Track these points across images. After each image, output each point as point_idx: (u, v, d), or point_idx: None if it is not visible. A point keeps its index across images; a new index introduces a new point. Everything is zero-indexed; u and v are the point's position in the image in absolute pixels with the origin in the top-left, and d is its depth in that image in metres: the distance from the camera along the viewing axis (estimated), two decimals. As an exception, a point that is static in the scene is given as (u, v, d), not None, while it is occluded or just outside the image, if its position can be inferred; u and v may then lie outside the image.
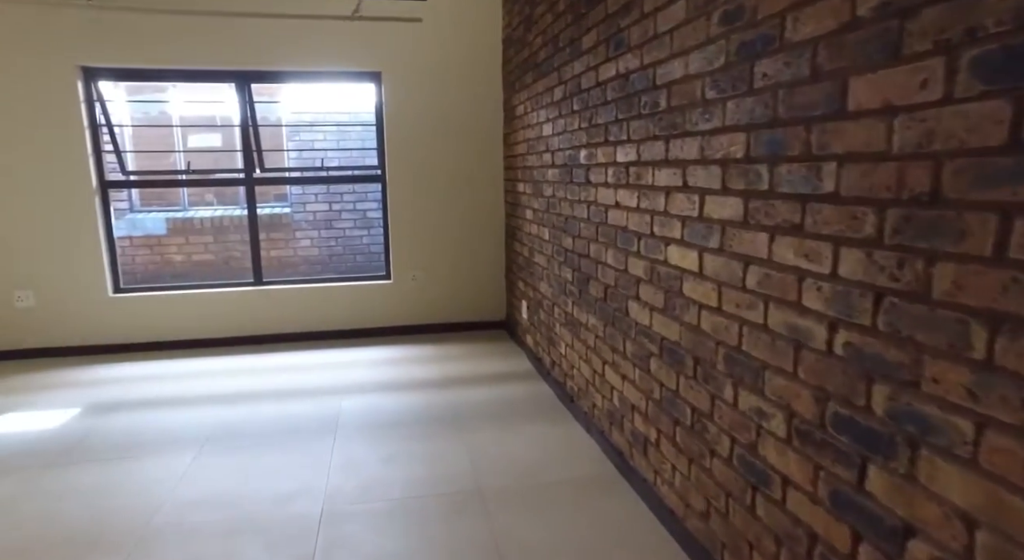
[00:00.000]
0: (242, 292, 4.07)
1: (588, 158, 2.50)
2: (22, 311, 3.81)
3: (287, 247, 5.54)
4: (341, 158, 5.53)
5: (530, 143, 3.44)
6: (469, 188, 4.20)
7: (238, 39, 3.73)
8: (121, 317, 3.92)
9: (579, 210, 2.65)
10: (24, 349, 3.84)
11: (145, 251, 5.26)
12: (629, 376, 2.22)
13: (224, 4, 3.65)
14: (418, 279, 4.26)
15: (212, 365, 3.69)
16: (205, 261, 5.39)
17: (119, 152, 3.94)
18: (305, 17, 3.74)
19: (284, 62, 3.83)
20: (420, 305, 4.30)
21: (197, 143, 5.39)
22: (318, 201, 5.53)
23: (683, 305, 1.77)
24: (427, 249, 4.24)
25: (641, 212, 2.02)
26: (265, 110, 5.37)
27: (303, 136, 5.48)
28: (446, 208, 4.20)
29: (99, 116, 3.78)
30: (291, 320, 4.13)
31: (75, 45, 3.58)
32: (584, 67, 2.49)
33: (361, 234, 5.66)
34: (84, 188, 3.73)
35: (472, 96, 4.08)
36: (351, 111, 5.44)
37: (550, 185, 3.08)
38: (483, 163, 4.19)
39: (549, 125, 3.04)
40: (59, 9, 3.51)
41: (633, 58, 2.01)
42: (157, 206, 5.34)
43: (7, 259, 3.73)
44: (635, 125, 2.03)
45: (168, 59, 3.69)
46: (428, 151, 4.10)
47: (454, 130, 4.11)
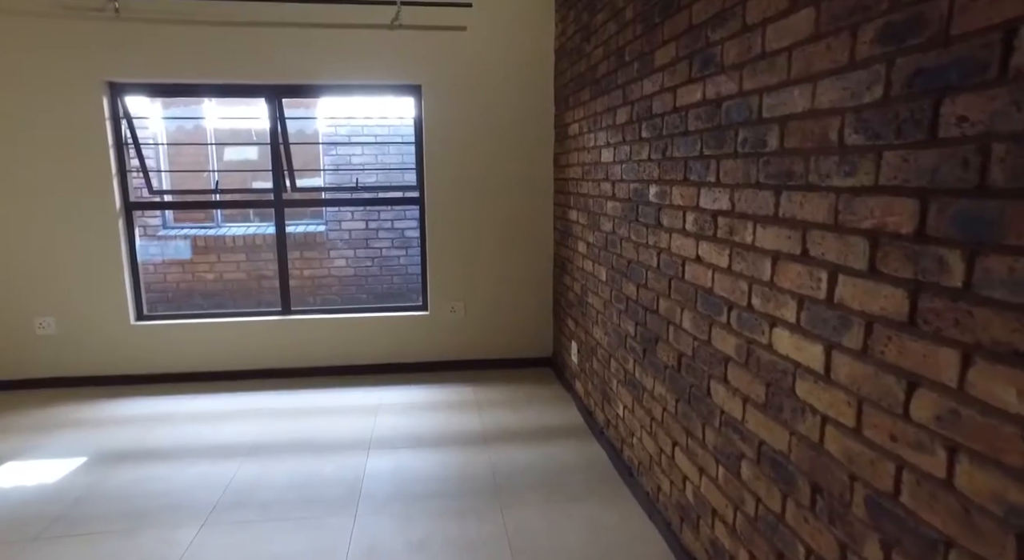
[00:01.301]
0: (269, 322, 3.79)
1: (660, 196, 2.08)
2: (43, 339, 3.62)
3: (321, 267, 5.28)
4: (379, 175, 5.24)
5: (585, 168, 3.04)
6: (514, 213, 3.83)
7: (268, 51, 3.46)
8: (142, 346, 3.69)
9: (646, 255, 2.23)
10: (44, 378, 3.65)
11: (177, 269, 5.08)
12: (709, 471, 1.79)
13: (255, 14, 3.38)
14: (457, 311, 3.90)
15: (233, 403, 3.41)
16: (237, 280, 5.19)
17: (146, 171, 3.72)
18: (341, 27, 3.43)
19: (317, 75, 3.54)
20: (459, 339, 3.94)
21: (234, 159, 5.20)
22: (354, 219, 5.25)
23: (796, 409, 1.33)
24: (468, 278, 3.88)
25: (734, 276, 1.59)
26: (302, 125, 5.14)
27: (340, 151, 5.21)
28: (489, 234, 3.84)
29: (125, 133, 3.56)
30: (320, 353, 3.83)
31: (102, 59, 3.36)
32: (657, 87, 2.07)
33: (399, 254, 5.35)
34: (108, 209, 3.51)
35: (520, 112, 3.71)
36: (391, 125, 5.16)
37: (609, 219, 2.67)
38: (530, 186, 3.81)
39: (610, 151, 2.63)
40: (86, 22, 3.30)
41: (728, 81, 1.59)
42: (190, 223, 5.16)
43: (30, 284, 3.55)
44: (728, 166, 1.60)
45: (196, 73, 3.44)
46: (470, 171, 3.74)
47: (499, 149, 3.74)
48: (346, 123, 5.13)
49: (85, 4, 3.26)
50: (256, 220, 5.31)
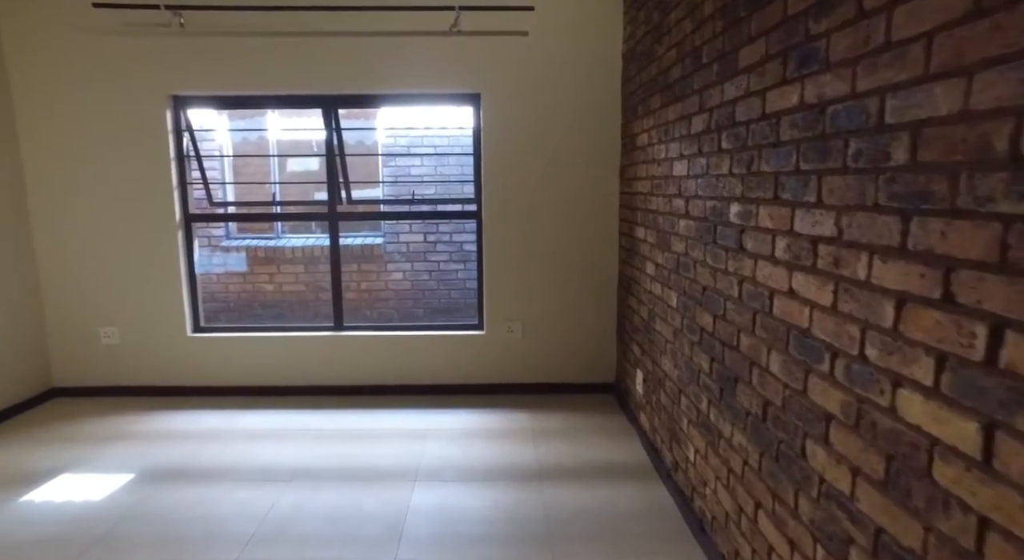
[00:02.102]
0: (321, 338, 3.70)
1: (743, 217, 1.80)
2: (108, 348, 3.67)
3: (378, 279, 5.21)
4: (438, 188, 5.12)
5: (655, 182, 2.77)
6: (577, 228, 3.59)
7: (324, 61, 3.39)
8: (199, 358, 3.68)
9: (725, 283, 1.95)
10: (109, 387, 3.70)
11: (238, 279, 5.13)
12: (804, 548, 1.48)
13: (312, 23, 3.31)
14: (515, 331, 3.69)
15: (282, 422, 3.33)
16: (295, 291, 5.19)
17: (207, 183, 3.72)
18: (397, 34, 3.31)
19: (373, 84, 3.43)
20: (516, 361, 3.72)
21: (297, 170, 5.22)
22: (412, 232, 5.15)
23: (934, 499, 1.03)
24: (526, 297, 3.66)
25: (840, 317, 1.30)
26: (361, 136, 5.10)
27: (399, 162, 5.13)
28: (549, 250, 3.61)
29: (187, 146, 3.58)
30: (371, 371, 3.71)
31: (167, 74, 3.39)
32: (741, 91, 1.80)
33: (457, 268, 5.21)
34: (168, 221, 3.53)
35: (584, 121, 3.48)
36: (451, 135, 5.03)
37: (681, 239, 2.39)
38: (594, 200, 3.56)
39: (683, 163, 2.36)
40: (153, 38, 3.33)
41: (835, 81, 1.31)
42: (251, 234, 5.21)
43: (96, 294, 3.61)
44: (834, 183, 1.32)
45: (253, 85, 3.42)
46: (530, 184, 3.54)
47: (561, 160, 3.52)
48: (405, 134, 5.06)
49: (152, 20, 3.28)
50: (317, 232, 5.30)
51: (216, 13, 3.26)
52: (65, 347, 3.67)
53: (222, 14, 3.26)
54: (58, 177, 3.49)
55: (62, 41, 3.35)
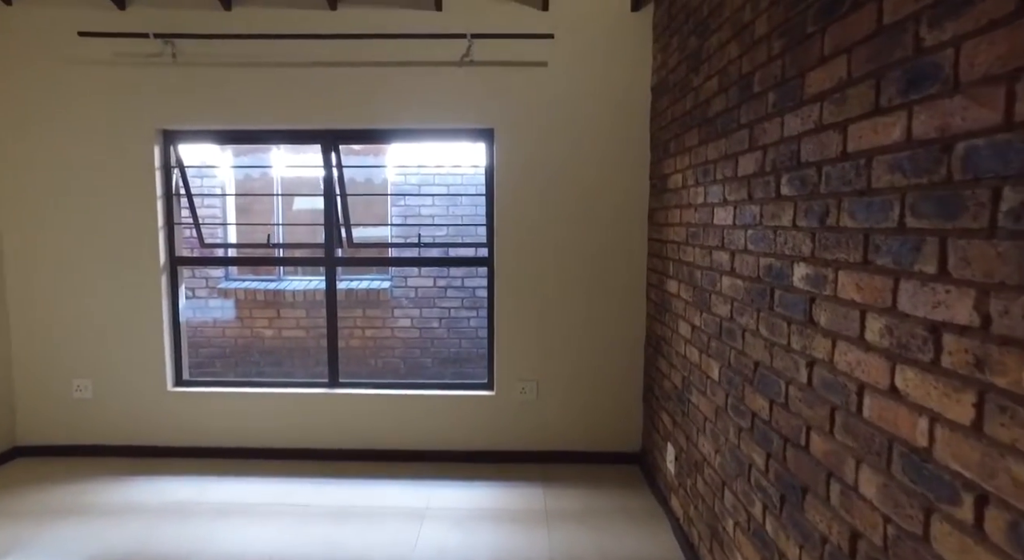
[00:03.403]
0: (313, 395, 3.33)
1: (813, 282, 1.41)
2: (79, 403, 3.34)
3: (384, 326, 4.86)
4: (449, 230, 4.81)
5: (691, 230, 2.39)
6: (599, 278, 3.21)
7: (323, 93, 3.11)
8: (178, 415, 3.33)
9: (786, 362, 1.54)
10: (77, 445, 3.36)
11: (236, 323, 4.82)
12: None
13: (311, 53, 3.06)
14: (528, 392, 3.28)
15: (261, 493, 2.93)
16: (295, 337, 4.85)
17: (197, 224, 3.44)
18: (403, 65, 3.04)
19: (376, 119, 3.15)
20: (530, 426, 3.30)
21: (303, 208, 4.96)
22: (421, 275, 4.81)
23: None
24: (541, 354, 3.27)
25: (988, 444, 0.89)
26: (370, 174, 4.83)
27: (409, 202, 4.84)
28: (567, 301, 3.23)
29: (177, 183, 3.31)
30: (368, 434, 3.31)
31: (156, 107, 3.14)
32: (809, 124, 1.43)
33: (468, 315, 4.84)
34: (152, 264, 3.23)
35: (608, 159, 3.14)
36: (463, 174, 4.74)
37: (725, 300, 1.99)
38: (619, 247, 3.19)
39: (727, 210, 1.98)
40: (143, 69, 3.10)
41: (971, 107, 0.93)
42: (251, 276, 4.93)
43: (69, 343, 3.30)
44: (973, 250, 0.93)
45: (248, 119, 3.15)
46: (547, 228, 3.19)
47: (582, 202, 3.17)
48: (416, 172, 4.78)
49: (143, 50, 3.06)
50: (320, 274, 5.00)
51: (210, 42, 3.02)
52: (33, 401, 3.35)
53: (216, 43, 3.03)
54: (34, 216, 3.22)
55: (46, 71, 3.12)
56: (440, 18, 3.05)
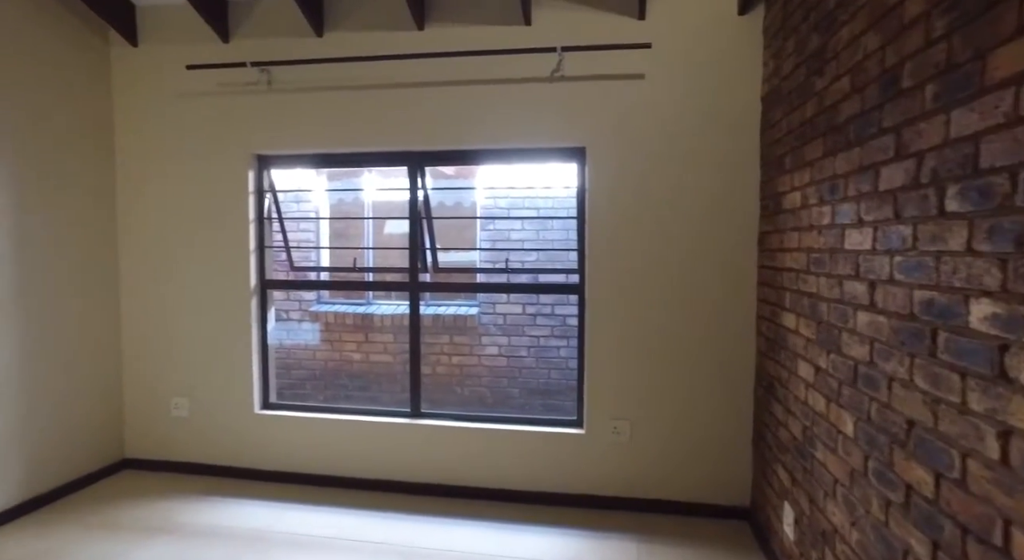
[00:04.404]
0: (394, 425, 3.22)
1: (1004, 324, 1.07)
2: (176, 420, 3.43)
3: (471, 353, 4.73)
4: (539, 255, 4.62)
5: (814, 256, 2.05)
6: (701, 309, 2.89)
7: (409, 115, 3.06)
8: (263, 438, 3.33)
9: (961, 427, 1.19)
10: (174, 462, 3.44)
11: (325, 346, 4.88)
12: None
13: (397, 74, 3.02)
14: (621, 432, 2.99)
15: (340, 526, 2.82)
16: (383, 362, 4.82)
17: (288, 247, 3.48)
18: (489, 82, 2.93)
19: (463, 139, 3.04)
20: (622, 470, 3.00)
21: (395, 232, 4.98)
22: (509, 302, 4.65)
23: None
24: (636, 391, 2.98)
25: None
26: (460, 197, 4.77)
27: (498, 225, 4.72)
28: (666, 334, 2.93)
29: (269, 207, 3.37)
30: (448, 468, 3.15)
31: (252, 133, 3.22)
32: (994, 119, 1.10)
33: (559, 345, 4.60)
34: (243, 288, 3.28)
35: (710, 178, 2.84)
36: (555, 197, 4.56)
37: (862, 340, 1.64)
38: (724, 275, 2.86)
39: (864, 232, 1.64)
40: (241, 97, 3.19)
41: None
42: (342, 300, 4.98)
43: (169, 362, 3.41)
44: None
45: (337, 142, 3.15)
46: (644, 253, 2.92)
47: (682, 225, 2.88)
48: (506, 195, 4.65)
49: (242, 79, 3.15)
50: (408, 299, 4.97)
51: (302, 68, 3.06)
52: (138, 416, 3.48)
53: (308, 69, 3.06)
54: (146, 241, 3.38)
55: (161, 103, 3.30)
56: (529, 33, 2.92)
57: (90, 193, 3.24)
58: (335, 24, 3.09)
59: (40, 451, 3.00)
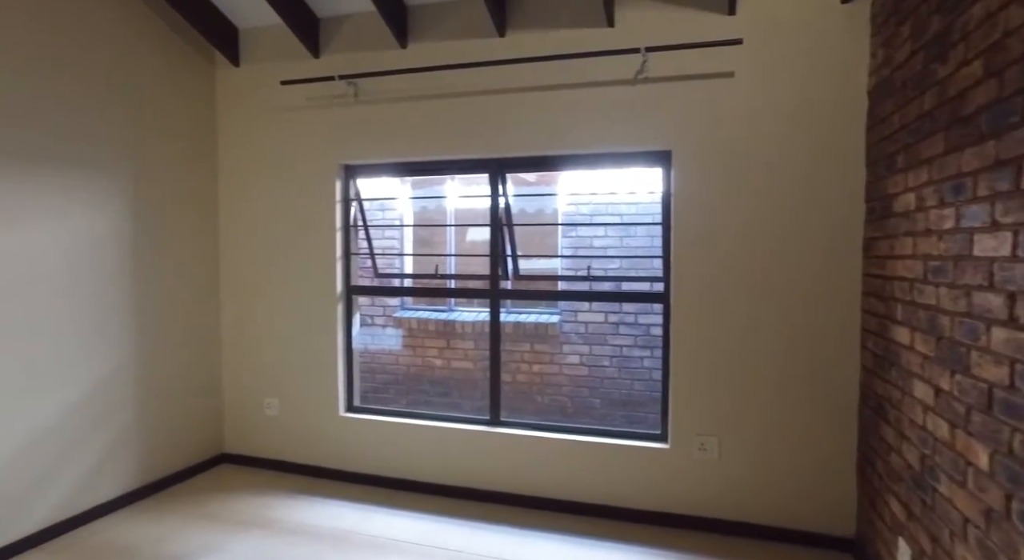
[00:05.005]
0: (473, 432, 3.21)
1: None
2: (268, 419, 3.59)
3: (552, 362, 4.66)
4: (622, 262, 4.49)
5: (932, 264, 1.84)
6: (796, 320, 2.68)
7: (490, 121, 3.06)
8: (348, 440, 3.41)
9: None
10: (266, 459, 3.60)
11: (408, 352, 4.96)
12: None
13: (478, 82, 3.03)
14: (709, 449, 2.83)
15: (420, 531, 2.83)
16: (464, 369, 4.85)
17: (372, 254, 3.57)
18: (572, 86, 2.87)
19: (543, 145, 2.99)
20: (709, 488, 2.84)
21: (477, 239, 5.02)
22: (592, 310, 4.55)
23: None
24: (725, 406, 2.81)
25: None
26: (542, 203, 4.73)
27: (580, 232, 4.63)
28: (757, 346, 2.74)
29: (355, 215, 3.47)
30: (527, 479, 3.10)
31: (339, 143, 3.33)
32: None
33: (642, 355, 4.45)
34: (330, 293, 3.39)
35: (808, 181, 2.64)
36: (639, 203, 4.42)
37: (998, 360, 1.44)
38: (823, 284, 2.64)
39: (999, 237, 1.45)
40: (328, 110, 3.32)
41: None
42: (424, 306, 5.06)
43: (261, 363, 3.58)
44: None
45: (419, 151, 3.19)
46: (733, 261, 2.75)
47: (776, 231, 2.69)
48: (588, 201, 4.57)
49: (330, 92, 3.27)
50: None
51: (386, 79, 3.13)
52: (236, 413, 3.68)
53: (392, 80, 3.13)
54: (243, 249, 3.58)
55: (259, 118, 3.48)
56: (612, 34, 2.84)
57: (196, 205, 3.47)
58: (419, 35, 3.14)
59: (151, 444, 3.23)
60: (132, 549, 2.66)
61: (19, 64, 2.57)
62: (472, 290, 4.07)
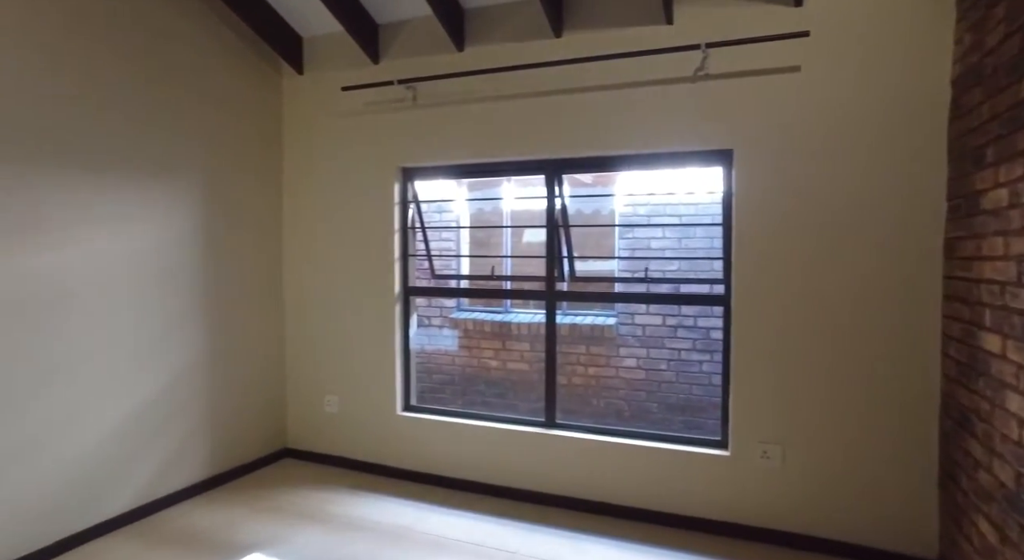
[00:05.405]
0: (528, 434, 3.20)
1: None
2: (328, 416, 3.70)
3: (608, 365, 4.59)
4: (681, 264, 4.39)
5: (1028, 265, 1.70)
6: (868, 324, 2.54)
7: (546, 122, 3.05)
8: (405, 439, 3.47)
9: None
10: (326, 455, 3.71)
11: (464, 353, 5.00)
12: None
13: (536, 83, 3.02)
14: (772, 457, 2.72)
15: (475, 531, 2.84)
16: (519, 370, 4.85)
17: (430, 255, 3.62)
18: (630, 85, 2.83)
19: (601, 145, 2.96)
20: (772, 498, 2.73)
21: (533, 241, 5.01)
22: (649, 312, 4.46)
23: None
24: (789, 413, 2.69)
25: None
26: (598, 204, 4.68)
27: (637, 234, 4.55)
28: (824, 351, 2.61)
29: (412, 217, 3.52)
30: (582, 482, 3.06)
31: (397, 147, 3.40)
32: None
33: (701, 359, 4.33)
34: (388, 294, 3.46)
35: (881, 178, 2.49)
36: (698, 203, 4.31)
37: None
38: (898, 287, 2.49)
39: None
40: (388, 114, 3.38)
41: None
42: (480, 307, 5.09)
43: (322, 361, 3.69)
44: None
45: (476, 152, 3.22)
46: (799, 262, 2.63)
47: (846, 231, 2.55)
48: (645, 202, 4.48)
49: (390, 97, 3.33)
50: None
51: (443, 83, 3.17)
52: (298, 409, 3.80)
53: (449, 83, 3.16)
54: (305, 250, 3.70)
55: (320, 123, 3.59)
56: (671, 32, 2.77)
57: (261, 208, 3.61)
58: (475, 38, 3.16)
59: (220, 437, 3.37)
60: (205, 535, 2.79)
61: (110, 78, 2.75)
62: (528, 291, 4.06)
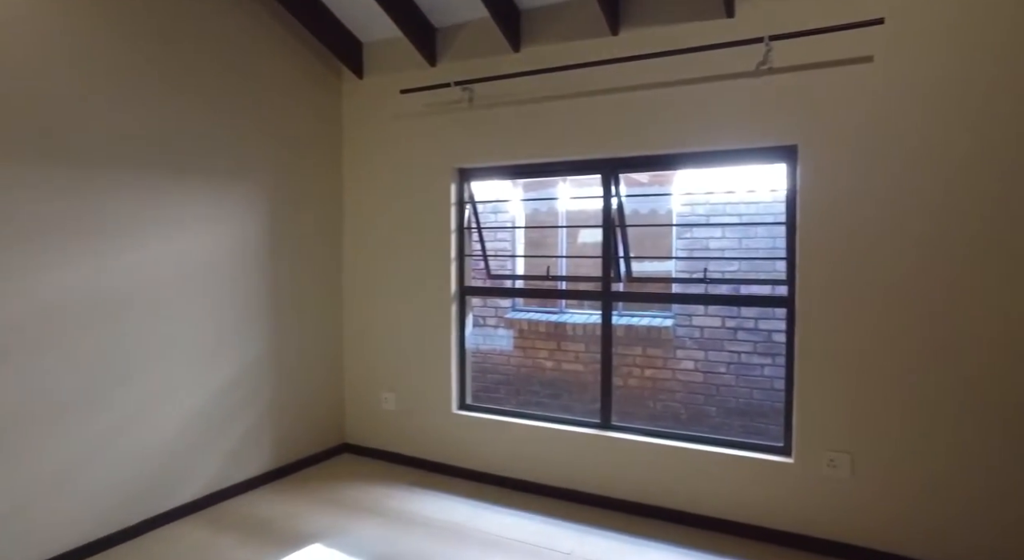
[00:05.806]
0: (583, 435, 3.18)
1: None
2: (384, 413, 3.79)
3: (665, 367, 4.50)
4: (741, 264, 4.26)
5: None
6: (945, 327, 2.40)
7: (603, 121, 3.03)
8: (460, 437, 3.51)
9: None
10: (383, 451, 3.80)
11: (519, 353, 5.01)
12: None
13: (592, 82, 3.01)
14: (839, 466, 2.61)
15: (529, 531, 2.86)
16: (574, 371, 4.81)
17: (485, 255, 3.65)
18: (689, 82, 2.77)
19: (659, 144, 2.92)
20: (839, 509, 2.61)
21: (589, 241, 4.99)
22: (708, 314, 4.34)
23: None
24: (858, 420, 2.57)
25: None
26: (656, 204, 4.59)
27: (695, 233, 4.44)
28: (901, 354, 2.49)
29: (468, 217, 3.57)
30: (637, 485, 3.02)
31: (454, 148, 3.45)
32: None
33: (762, 362, 4.18)
34: (444, 293, 3.52)
35: (961, 172, 2.35)
36: (759, 202, 4.17)
37: None
38: (981, 286, 2.34)
39: None
40: (445, 115, 3.44)
41: None
42: (535, 307, 5.09)
43: (379, 359, 3.78)
44: None
45: (532, 153, 3.23)
46: (870, 262, 2.52)
47: (922, 229, 2.42)
48: (704, 201, 4.37)
49: (446, 99, 3.39)
50: (600, 309, 4.92)
51: (500, 84, 3.20)
52: (356, 406, 3.91)
53: (505, 84, 3.19)
54: (364, 250, 3.81)
55: (380, 125, 3.69)
56: (732, 25, 2.70)
57: (323, 209, 3.74)
58: (531, 39, 3.18)
59: (282, 431, 3.51)
60: (269, 524, 2.92)
61: (200, 85, 2.94)
62: (584, 292, 4.05)
